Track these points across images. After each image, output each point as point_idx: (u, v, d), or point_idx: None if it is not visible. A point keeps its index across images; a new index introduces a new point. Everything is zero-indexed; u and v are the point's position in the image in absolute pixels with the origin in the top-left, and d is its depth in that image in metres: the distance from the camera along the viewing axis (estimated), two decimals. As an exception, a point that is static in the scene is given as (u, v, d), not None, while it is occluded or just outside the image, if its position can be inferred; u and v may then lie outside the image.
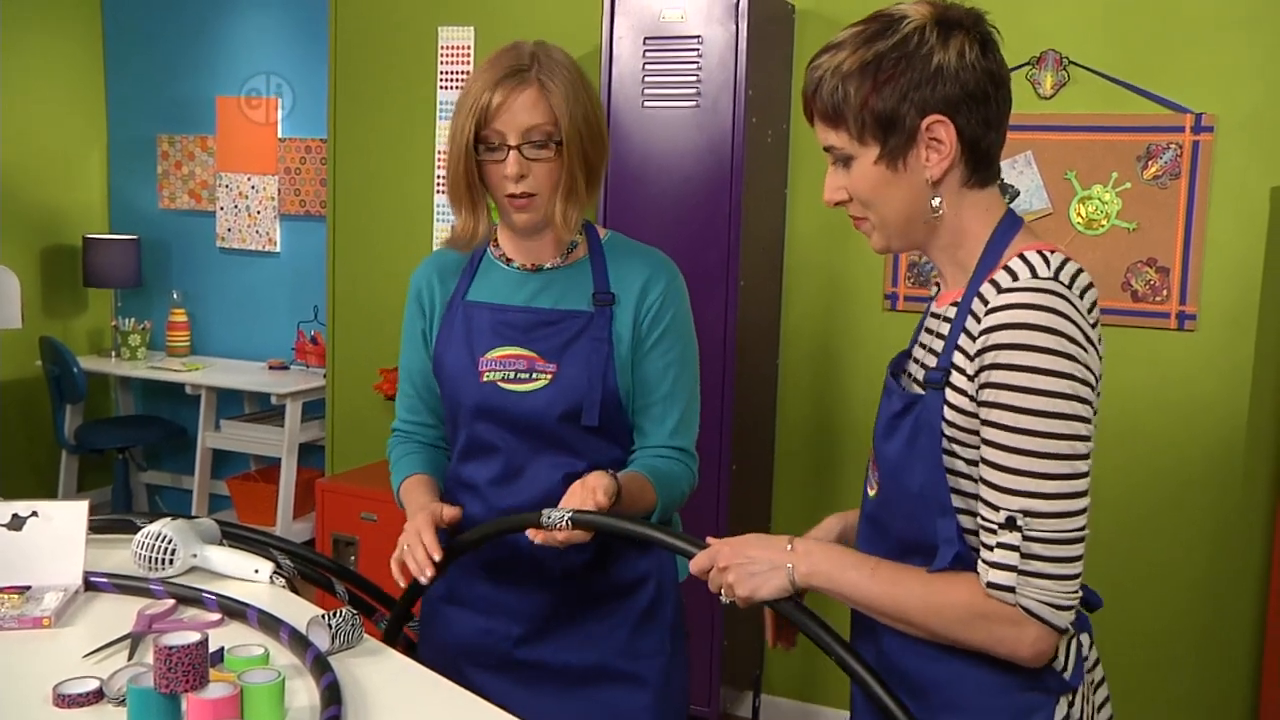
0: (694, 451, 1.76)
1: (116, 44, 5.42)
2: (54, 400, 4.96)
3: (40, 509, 1.68)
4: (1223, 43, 2.88)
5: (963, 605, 1.19)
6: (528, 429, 1.69)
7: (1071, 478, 1.15)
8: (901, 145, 1.23)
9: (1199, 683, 3.03)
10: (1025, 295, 1.16)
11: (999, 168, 1.30)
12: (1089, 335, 1.17)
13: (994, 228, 1.27)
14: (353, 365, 4.11)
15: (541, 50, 1.66)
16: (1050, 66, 3.02)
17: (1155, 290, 2.97)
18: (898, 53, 1.21)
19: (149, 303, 5.39)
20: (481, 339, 1.71)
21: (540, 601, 1.73)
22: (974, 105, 1.22)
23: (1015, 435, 1.15)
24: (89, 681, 1.34)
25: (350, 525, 3.68)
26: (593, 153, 1.67)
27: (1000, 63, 1.25)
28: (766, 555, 1.32)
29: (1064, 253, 1.24)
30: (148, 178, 5.40)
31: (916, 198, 1.26)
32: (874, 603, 1.25)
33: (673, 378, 1.72)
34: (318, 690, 1.35)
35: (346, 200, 4.09)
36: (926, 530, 1.26)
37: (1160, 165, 2.93)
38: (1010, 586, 1.16)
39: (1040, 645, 1.17)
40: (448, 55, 3.87)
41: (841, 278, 3.31)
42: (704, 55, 2.99)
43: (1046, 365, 1.14)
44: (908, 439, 1.26)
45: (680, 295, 1.74)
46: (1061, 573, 1.15)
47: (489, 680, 1.72)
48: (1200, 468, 2.99)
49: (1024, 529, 1.15)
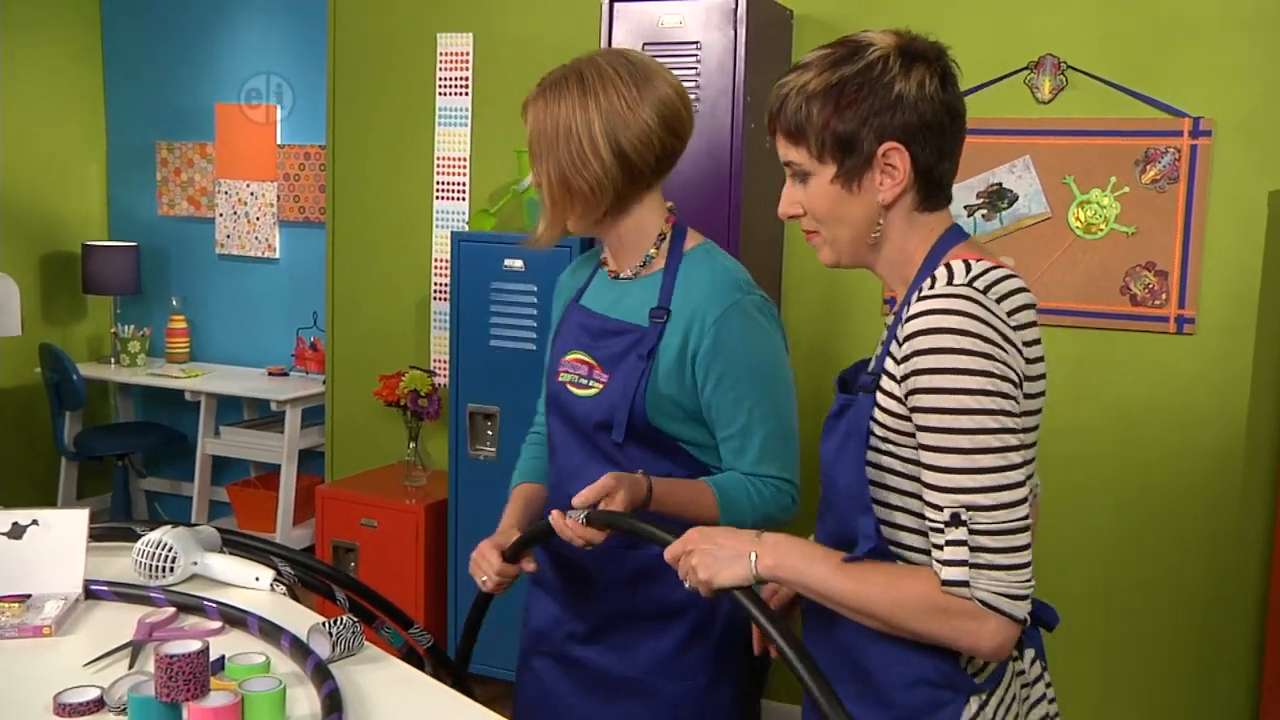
0: (789, 478, 1.70)
1: (115, 51, 5.42)
2: (53, 407, 4.96)
3: (40, 517, 1.68)
4: (1221, 46, 2.89)
5: (922, 599, 1.22)
6: (580, 434, 1.73)
7: (1007, 469, 1.19)
8: (858, 167, 1.30)
9: (1198, 690, 3.02)
10: (937, 301, 1.22)
11: (949, 194, 1.36)
12: (1006, 335, 1.21)
13: (935, 242, 1.33)
14: (352, 371, 4.11)
15: (575, 62, 1.68)
16: (1049, 71, 3.03)
17: (1154, 294, 2.97)
18: (861, 78, 1.27)
19: (148, 309, 5.39)
20: (568, 340, 1.77)
21: (595, 605, 1.76)
22: (930, 135, 1.28)
23: (944, 435, 1.20)
24: (90, 690, 1.34)
25: (350, 532, 3.68)
26: (568, 167, 1.65)
27: (957, 96, 1.30)
28: (733, 543, 1.36)
29: (994, 261, 1.29)
30: (147, 185, 5.40)
31: (867, 218, 1.32)
32: (836, 596, 1.28)
33: (747, 410, 1.66)
34: (319, 698, 1.34)
35: (346, 207, 4.09)
36: (851, 526, 1.31)
37: (1159, 169, 2.94)
38: (964, 581, 1.19)
39: (1000, 637, 1.20)
40: (447, 61, 3.87)
41: (840, 282, 3.31)
42: (702, 61, 3.00)
43: (963, 365, 1.18)
44: (840, 440, 1.33)
45: (739, 322, 1.66)
46: (1011, 562, 1.19)
47: (546, 666, 1.81)
48: (1199, 472, 2.99)
49: (969, 523, 1.18)
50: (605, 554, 1.68)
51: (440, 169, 3.92)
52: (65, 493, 5.09)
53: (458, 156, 3.89)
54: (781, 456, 1.69)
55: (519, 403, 3.36)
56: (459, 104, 3.87)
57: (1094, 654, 3.08)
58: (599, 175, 1.64)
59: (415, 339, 4.04)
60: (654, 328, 1.68)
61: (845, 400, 1.33)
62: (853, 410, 1.31)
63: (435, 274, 3.97)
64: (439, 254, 3.94)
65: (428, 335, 4.01)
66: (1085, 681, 3.08)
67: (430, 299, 3.98)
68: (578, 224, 1.71)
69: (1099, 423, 3.05)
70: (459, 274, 3.42)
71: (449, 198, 3.92)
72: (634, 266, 1.75)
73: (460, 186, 3.90)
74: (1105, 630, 3.08)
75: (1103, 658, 3.07)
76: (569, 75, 1.66)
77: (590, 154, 1.63)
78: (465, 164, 3.89)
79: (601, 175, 1.64)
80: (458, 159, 3.89)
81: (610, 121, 1.62)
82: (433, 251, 3.96)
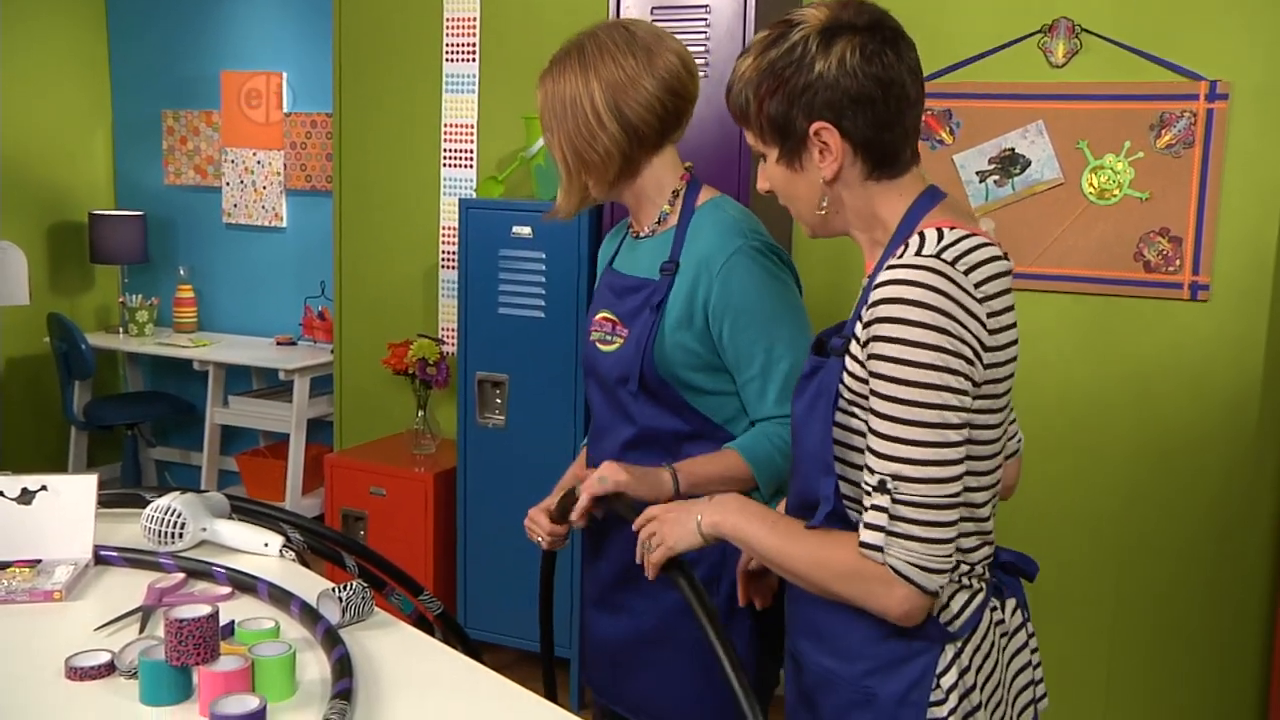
0: None
1: (120, 20, 5.39)
2: (62, 377, 4.97)
3: (49, 483, 1.68)
4: (1238, 8, 2.84)
5: (841, 562, 1.25)
6: (607, 390, 1.82)
7: (941, 445, 1.20)
8: (795, 148, 1.33)
9: (1209, 650, 3.02)
10: (902, 271, 1.21)
11: (911, 154, 1.34)
12: (968, 308, 1.21)
13: (907, 208, 1.32)
14: (360, 340, 4.11)
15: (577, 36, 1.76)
16: (1062, 34, 2.99)
17: (1168, 260, 2.95)
18: (784, 60, 1.29)
19: (156, 279, 5.39)
20: (598, 302, 1.87)
21: (621, 553, 1.81)
22: (859, 109, 1.27)
23: (888, 404, 1.21)
24: (100, 654, 1.34)
25: (359, 500, 3.69)
26: (576, 137, 1.72)
27: (889, 64, 1.28)
28: (689, 506, 1.43)
29: (968, 229, 1.28)
30: (153, 154, 5.38)
31: (814, 194, 1.35)
32: (769, 554, 1.33)
33: (764, 351, 1.70)
34: (329, 663, 1.34)
35: (353, 175, 4.07)
36: (814, 486, 1.33)
37: (1174, 134, 2.90)
38: (879, 546, 1.22)
39: (908, 605, 1.23)
40: (453, 28, 3.84)
41: (850, 254, 3.26)
42: (712, 25, 2.97)
43: (916, 338, 1.19)
44: (810, 401, 1.35)
45: (743, 266, 1.70)
46: (930, 536, 1.20)
47: (594, 615, 1.92)
48: (1213, 438, 2.97)
49: (893, 492, 1.20)
50: None
51: (448, 136, 3.90)
52: (75, 462, 5.11)
53: (465, 123, 3.87)
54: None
55: (528, 370, 3.36)
56: (466, 70, 3.84)
57: (1104, 618, 3.07)
58: (605, 143, 1.71)
59: (423, 307, 4.02)
60: (664, 280, 1.74)
61: (817, 362, 1.35)
62: (823, 372, 1.33)
63: (443, 242, 3.95)
64: (447, 222, 3.93)
65: (436, 303, 4.00)
66: (1094, 638, 3.08)
67: (438, 267, 3.97)
68: (595, 189, 1.79)
69: (1113, 391, 3.03)
70: (467, 242, 3.40)
71: (456, 165, 3.90)
72: (650, 224, 1.82)
73: (468, 154, 3.88)
74: (1115, 596, 3.07)
75: (1112, 622, 3.07)
76: (571, 51, 1.75)
77: (595, 123, 1.70)
78: (472, 131, 3.86)
79: (608, 143, 1.71)
80: (465, 126, 3.87)
81: (611, 91, 1.70)
82: (440, 219, 3.94)
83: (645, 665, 1.84)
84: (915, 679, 1.30)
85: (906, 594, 1.22)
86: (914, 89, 1.31)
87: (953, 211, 1.33)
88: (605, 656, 1.92)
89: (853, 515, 1.30)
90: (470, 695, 1.35)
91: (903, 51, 1.30)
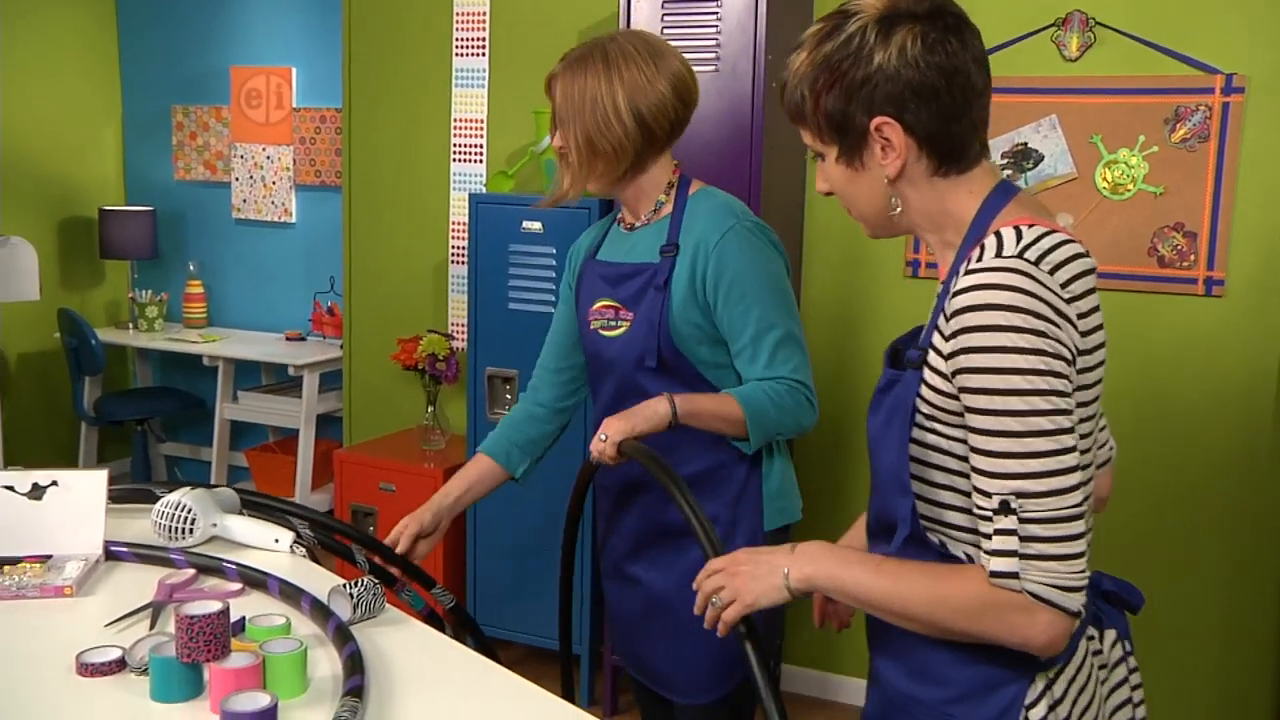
0: (801, 379, 1.84)
1: (130, 16, 5.39)
2: (72, 372, 4.97)
3: (60, 478, 1.68)
4: (1254, 1, 2.82)
5: (968, 597, 1.16)
6: (616, 372, 1.92)
7: (1060, 453, 1.12)
8: (855, 145, 1.26)
9: (1225, 649, 3.00)
10: (986, 275, 1.14)
11: (980, 148, 1.27)
12: (1060, 310, 1.14)
13: (980, 205, 1.25)
14: (370, 336, 4.10)
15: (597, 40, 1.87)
16: (1076, 28, 2.97)
17: (1182, 255, 2.93)
18: (841, 54, 1.23)
19: (165, 274, 5.39)
20: (591, 292, 1.96)
21: (632, 524, 1.96)
22: (922, 101, 1.21)
23: (993, 417, 1.13)
24: (111, 650, 1.33)
25: (369, 496, 3.68)
26: (594, 131, 1.83)
27: (952, 52, 1.21)
28: (769, 559, 1.31)
29: (1047, 225, 1.20)
30: (163, 149, 5.38)
31: (879, 193, 1.28)
32: (878, 600, 1.23)
33: (755, 319, 1.82)
34: (340, 660, 1.34)
35: (362, 170, 4.06)
36: (890, 506, 1.26)
37: (1189, 128, 2.88)
38: (1014, 573, 1.12)
39: (1053, 631, 1.13)
40: (463, 22, 3.83)
41: (862, 244, 3.27)
42: (723, 19, 2.95)
43: (1014, 344, 1.12)
44: (886, 417, 1.27)
45: (736, 242, 1.83)
46: (1065, 552, 1.12)
47: (613, 587, 2.05)
48: (1229, 434, 2.95)
49: (1019, 511, 1.12)
50: (635, 479, 1.91)
51: (457, 131, 3.89)
52: (85, 457, 5.11)
53: (475, 118, 3.86)
54: (793, 359, 1.84)
55: (537, 366, 3.35)
56: (476, 65, 3.83)
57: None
58: (621, 139, 1.84)
59: (433, 302, 4.02)
60: (665, 261, 1.87)
61: (893, 376, 1.27)
62: (899, 387, 1.25)
63: (453, 237, 3.95)
64: (456, 217, 3.92)
65: (445, 298, 3.99)
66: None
67: (448, 262, 3.96)
68: (599, 183, 1.90)
69: (1127, 386, 3.01)
70: (477, 237, 3.40)
71: (466, 160, 3.89)
72: (646, 214, 1.94)
73: (478, 149, 3.87)
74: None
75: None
76: (594, 51, 1.85)
77: (614, 119, 1.83)
78: (482, 126, 3.85)
79: (623, 138, 1.84)
80: (475, 121, 3.86)
81: (631, 92, 1.82)
82: (450, 214, 3.94)
83: (660, 634, 1.94)
84: (1002, 709, 1.22)
85: (1050, 619, 1.13)
86: (980, 78, 1.23)
87: (1029, 207, 1.25)
88: (623, 626, 2.04)
89: (931, 538, 1.25)
90: (483, 692, 1.34)
91: (967, 39, 1.23)
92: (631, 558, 1.98)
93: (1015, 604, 1.13)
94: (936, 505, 1.24)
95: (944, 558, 1.25)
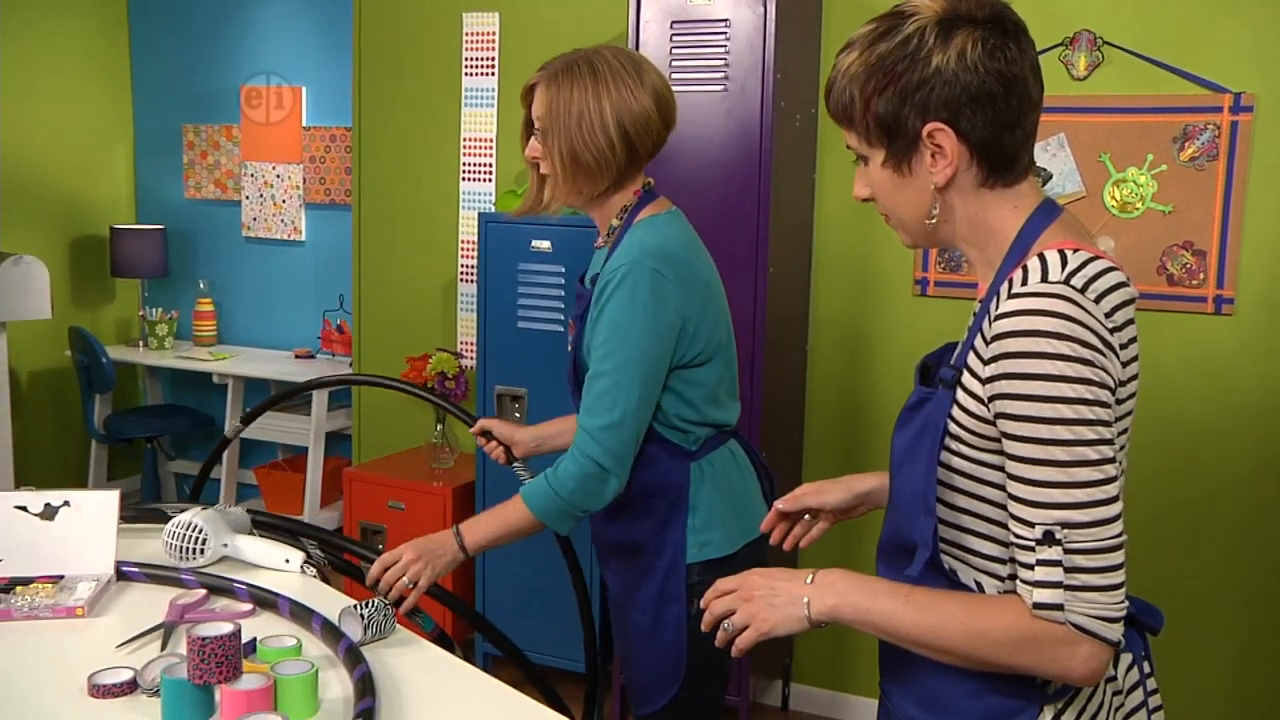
0: (594, 430, 1.80)
1: (142, 35, 5.43)
2: (83, 390, 4.99)
3: (72, 499, 1.68)
4: (1262, 20, 2.82)
5: (1007, 629, 1.14)
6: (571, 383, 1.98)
7: (1104, 483, 1.11)
8: (905, 149, 1.22)
9: (1241, 671, 2.99)
10: (1031, 301, 1.12)
11: (1029, 162, 1.24)
12: (1105, 339, 1.12)
13: (1023, 223, 1.22)
14: (379, 354, 4.11)
15: (583, 53, 1.87)
16: (1084, 47, 2.97)
17: (1192, 274, 2.92)
18: (897, 55, 1.19)
19: (176, 292, 5.41)
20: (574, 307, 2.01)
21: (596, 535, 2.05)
22: (978, 108, 1.17)
23: (1039, 446, 1.11)
24: (123, 672, 1.34)
25: (378, 514, 3.68)
26: (578, 144, 1.82)
27: (1011, 59, 1.18)
28: (787, 587, 1.26)
29: (1092, 250, 1.18)
30: (173, 168, 5.41)
31: (922, 201, 1.24)
32: (910, 634, 1.19)
33: (596, 362, 1.82)
34: (351, 681, 1.34)
35: (372, 188, 4.08)
36: (910, 526, 1.24)
37: (1197, 146, 2.88)
38: (1059, 604, 1.11)
39: (1094, 662, 1.12)
40: (472, 41, 3.85)
41: (871, 263, 3.27)
42: (732, 39, 2.96)
43: (1060, 372, 1.10)
44: (914, 436, 1.24)
45: (623, 285, 1.79)
46: (1108, 583, 1.11)
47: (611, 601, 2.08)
48: (1238, 454, 2.94)
49: (1064, 542, 1.10)
50: None
51: (466, 150, 3.90)
52: (95, 475, 5.12)
53: (484, 137, 3.87)
54: (600, 410, 1.80)
55: (547, 384, 3.35)
56: (485, 84, 3.85)
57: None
58: (605, 153, 1.83)
59: (442, 321, 4.03)
60: (589, 291, 1.92)
61: (924, 394, 1.24)
62: (930, 405, 1.22)
63: (462, 256, 3.96)
64: (466, 235, 3.93)
65: (455, 317, 4.00)
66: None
67: (457, 280, 3.97)
68: (575, 196, 1.89)
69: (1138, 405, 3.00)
70: (486, 255, 3.40)
71: (475, 179, 3.91)
72: (604, 236, 1.95)
73: (487, 167, 3.88)
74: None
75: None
76: (580, 63, 1.84)
77: (600, 133, 1.82)
78: (491, 145, 3.87)
79: (608, 153, 1.83)
80: (484, 140, 3.87)
81: (618, 107, 1.82)
82: (459, 233, 3.95)
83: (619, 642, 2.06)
84: None
85: (1092, 651, 1.11)
86: (1036, 89, 1.20)
87: (1073, 230, 1.23)
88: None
89: (943, 562, 1.23)
90: (492, 714, 1.34)
91: (1025, 47, 1.20)
92: (603, 564, 2.09)
93: (1057, 636, 1.12)
94: (956, 529, 1.23)
95: (953, 585, 1.23)
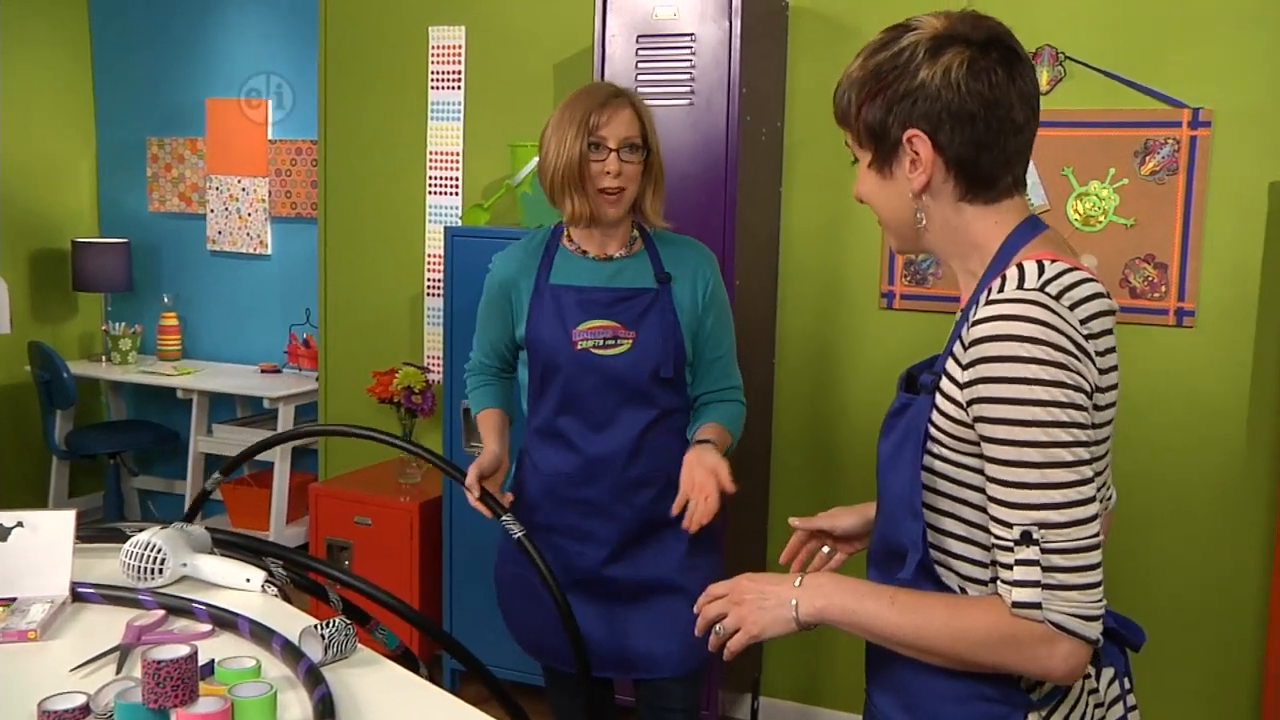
0: (739, 385, 2.29)
1: (104, 47, 5.38)
2: (44, 406, 4.92)
3: (26, 519, 1.65)
4: (1221, 37, 2.86)
5: (988, 629, 1.17)
6: (616, 386, 2.14)
7: (1079, 484, 1.14)
8: (887, 154, 1.28)
9: (1203, 680, 3.01)
10: (1007, 306, 1.16)
11: (1013, 182, 1.28)
12: (1079, 344, 1.16)
13: (1005, 237, 1.27)
14: (345, 368, 4.08)
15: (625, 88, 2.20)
16: (1047, 62, 3.00)
17: (1153, 287, 2.95)
18: (889, 65, 1.26)
19: (139, 307, 5.35)
20: (571, 314, 2.15)
21: (617, 530, 2.19)
22: (958, 124, 1.22)
23: (1014, 448, 1.14)
24: (76, 697, 1.31)
25: (344, 530, 3.65)
26: (663, 162, 2.20)
27: (996, 83, 1.22)
28: (776, 590, 1.31)
29: (1070, 262, 1.22)
30: (137, 181, 5.36)
31: (903, 205, 1.30)
32: (894, 634, 1.23)
33: (728, 339, 2.25)
34: (311, 703, 1.32)
35: (338, 202, 4.06)
36: (897, 530, 1.27)
37: (1158, 161, 2.92)
38: (1037, 603, 1.14)
39: (1073, 660, 1.15)
40: (439, 55, 3.84)
41: (837, 276, 3.28)
42: (697, 53, 2.97)
43: (1035, 375, 1.13)
44: (897, 441, 1.28)
45: (719, 276, 2.25)
46: (1085, 581, 1.14)
47: (581, 601, 2.19)
48: (1200, 464, 2.97)
49: (1041, 542, 1.13)
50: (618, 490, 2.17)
51: (433, 164, 3.89)
52: (57, 492, 5.05)
53: (450, 151, 3.86)
54: (739, 372, 2.31)
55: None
56: (452, 98, 3.84)
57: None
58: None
59: (409, 335, 4.00)
60: (664, 288, 2.17)
61: (906, 400, 1.29)
62: (912, 411, 1.26)
63: (429, 269, 3.94)
64: (432, 249, 3.91)
65: (421, 331, 3.98)
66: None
67: (424, 294, 3.96)
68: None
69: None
70: (452, 269, 3.39)
71: (442, 192, 3.89)
72: (625, 245, 2.21)
73: (453, 181, 3.87)
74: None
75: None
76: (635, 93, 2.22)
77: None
78: (458, 158, 3.85)
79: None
80: (450, 153, 3.86)
81: None
82: (426, 247, 3.93)
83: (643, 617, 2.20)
84: None
85: (1071, 649, 1.14)
86: (1022, 113, 1.24)
87: (1055, 244, 1.27)
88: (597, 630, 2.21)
89: (935, 565, 1.25)
90: (455, 735, 1.33)
91: (1016, 73, 1.24)
92: (610, 562, 2.19)
93: (1037, 635, 1.15)
94: (937, 532, 1.25)
95: (939, 587, 1.25)
